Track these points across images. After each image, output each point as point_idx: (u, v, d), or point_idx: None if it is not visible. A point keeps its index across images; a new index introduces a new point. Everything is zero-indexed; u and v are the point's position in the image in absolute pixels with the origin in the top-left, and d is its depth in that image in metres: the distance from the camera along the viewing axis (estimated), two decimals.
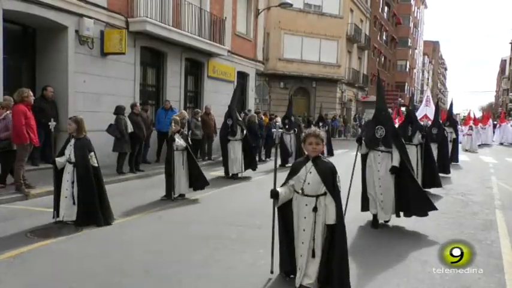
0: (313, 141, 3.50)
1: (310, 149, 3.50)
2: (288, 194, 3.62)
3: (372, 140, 5.94)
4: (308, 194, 3.49)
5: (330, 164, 3.50)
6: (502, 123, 27.85)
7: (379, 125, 5.90)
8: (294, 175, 3.58)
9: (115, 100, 10.43)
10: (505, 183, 10.62)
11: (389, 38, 46.93)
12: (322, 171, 3.45)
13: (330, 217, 3.44)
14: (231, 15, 16.41)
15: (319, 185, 3.44)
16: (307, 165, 3.51)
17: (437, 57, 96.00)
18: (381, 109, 6.09)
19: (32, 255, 4.58)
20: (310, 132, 3.55)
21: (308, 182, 3.47)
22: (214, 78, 15.65)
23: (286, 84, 28.35)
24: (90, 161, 5.72)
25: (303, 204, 3.51)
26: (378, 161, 5.90)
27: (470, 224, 6.42)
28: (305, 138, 3.54)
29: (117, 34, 10.53)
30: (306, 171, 3.49)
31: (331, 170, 3.46)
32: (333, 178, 3.44)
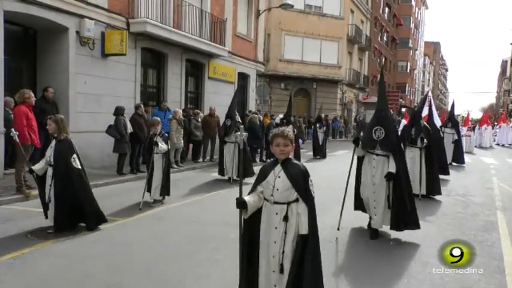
0: (281, 142, 3.07)
1: (277, 151, 3.08)
2: (257, 202, 3.17)
3: (368, 140, 5.50)
4: (278, 201, 3.06)
5: (301, 167, 3.11)
6: (502, 124, 27.76)
7: (378, 125, 5.42)
8: (263, 180, 3.15)
9: (116, 101, 10.44)
10: (506, 184, 10.60)
11: (390, 38, 46.93)
12: (292, 176, 3.04)
13: (303, 226, 3.03)
14: (232, 16, 16.43)
15: (289, 191, 3.04)
16: (276, 170, 3.11)
17: (438, 58, 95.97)
18: (381, 109, 5.61)
19: (33, 256, 4.59)
20: (277, 132, 3.12)
21: (277, 188, 3.05)
22: (215, 79, 15.66)
23: (286, 85, 28.36)
24: (73, 164, 5.42)
25: (273, 213, 3.07)
26: (373, 165, 5.49)
27: (471, 225, 6.41)
28: (272, 139, 3.11)
29: (117, 35, 10.55)
30: (275, 176, 3.08)
31: (303, 174, 3.06)
32: (304, 182, 3.04)
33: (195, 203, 7.53)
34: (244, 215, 3.16)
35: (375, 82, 40.86)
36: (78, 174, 5.49)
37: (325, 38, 28.98)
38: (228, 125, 9.90)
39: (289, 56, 27.93)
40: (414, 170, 8.07)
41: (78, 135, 9.99)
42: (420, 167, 8.18)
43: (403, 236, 5.66)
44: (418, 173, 8.15)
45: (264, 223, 3.15)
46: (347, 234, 5.67)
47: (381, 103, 5.70)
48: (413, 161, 8.22)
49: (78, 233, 5.43)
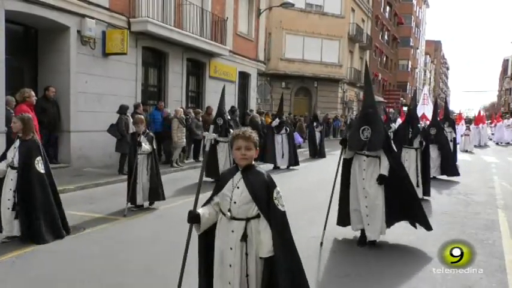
0: (242, 145, 2.56)
1: (238, 155, 2.58)
2: (213, 215, 2.70)
3: (355, 141, 5.01)
4: (236, 217, 2.57)
5: (265, 176, 2.60)
6: (498, 123, 27.69)
7: (365, 124, 4.96)
8: (220, 190, 2.67)
9: (117, 100, 10.45)
10: (507, 183, 10.59)
11: (391, 37, 46.86)
12: (253, 186, 2.54)
13: (263, 248, 2.52)
14: (233, 15, 16.43)
15: (249, 205, 2.55)
16: (235, 178, 2.61)
17: (439, 56, 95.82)
18: (368, 106, 5.11)
19: (34, 255, 4.60)
20: (238, 133, 2.62)
21: (235, 200, 2.56)
22: (216, 78, 15.66)
23: (287, 84, 28.35)
24: (36, 167, 4.89)
25: (229, 231, 2.58)
26: (363, 167, 4.99)
27: (472, 224, 6.41)
28: (232, 141, 2.62)
29: (118, 34, 10.56)
30: (233, 186, 2.59)
31: (266, 184, 2.56)
32: (267, 195, 2.54)
33: None
34: (196, 230, 2.71)
35: (376, 81, 40.83)
36: (40, 179, 4.92)
37: (326, 36, 28.95)
38: (220, 124, 9.51)
39: (290, 55, 27.91)
40: (410, 172, 7.55)
41: (79, 134, 10.04)
42: (416, 169, 7.88)
43: (403, 235, 5.66)
44: (414, 176, 7.77)
45: (219, 242, 2.65)
46: (346, 235, 5.67)
47: (368, 101, 5.21)
48: (409, 163, 7.91)
49: (79, 232, 5.45)
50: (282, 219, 2.58)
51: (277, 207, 2.56)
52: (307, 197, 7.78)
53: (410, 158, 7.96)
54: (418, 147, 7.92)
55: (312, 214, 6.09)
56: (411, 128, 7.93)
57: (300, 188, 8.78)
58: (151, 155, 6.69)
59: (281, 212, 2.58)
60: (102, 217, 6.21)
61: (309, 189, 8.44)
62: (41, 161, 4.96)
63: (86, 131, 10.11)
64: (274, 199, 2.56)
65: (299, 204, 7.31)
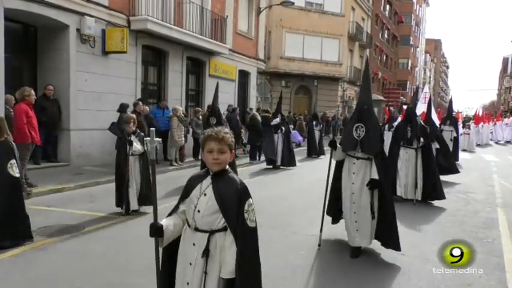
0: (215, 147, 2.26)
1: (209, 159, 2.28)
2: (180, 226, 2.42)
3: (348, 140, 4.66)
4: (199, 228, 2.27)
5: (239, 184, 2.28)
6: (498, 122, 27.60)
7: (360, 122, 4.59)
8: (187, 196, 2.36)
9: (116, 99, 10.46)
10: (506, 181, 10.60)
11: (390, 36, 46.82)
12: (221, 195, 2.24)
13: (226, 267, 2.21)
14: (232, 13, 16.41)
15: (215, 216, 2.24)
16: (204, 184, 2.31)
17: (439, 55, 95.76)
18: (363, 102, 4.73)
19: (35, 254, 4.60)
20: (210, 133, 2.31)
21: (199, 209, 2.26)
22: (216, 77, 15.62)
23: (287, 82, 28.33)
24: (9, 170, 4.65)
25: (190, 243, 2.30)
26: (353, 170, 4.63)
27: (472, 222, 6.42)
28: (203, 142, 2.33)
29: (118, 33, 10.54)
30: (200, 193, 2.29)
31: (238, 194, 2.24)
32: (238, 206, 2.22)
33: None
34: (159, 245, 2.39)
35: (376, 80, 40.81)
36: (13, 184, 4.70)
37: (326, 35, 28.92)
38: (213, 124, 9.08)
39: (290, 54, 27.89)
40: (409, 173, 7.57)
41: (78, 132, 10.04)
42: (416, 170, 7.53)
43: (402, 234, 5.66)
44: (413, 177, 7.53)
45: (181, 255, 2.36)
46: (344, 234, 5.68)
47: (364, 97, 4.83)
48: (408, 163, 7.61)
49: (80, 230, 5.45)
50: (251, 236, 2.25)
51: (246, 222, 2.22)
52: (305, 196, 7.78)
53: (410, 158, 7.64)
54: (417, 147, 7.60)
55: (311, 213, 6.10)
56: (410, 127, 7.62)
57: (299, 187, 8.79)
58: (143, 156, 6.28)
59: (250, 229, 2.24)
60: (102, 216, 6.21)
61: (307, 188, 8.41)
62: (15, 165, 4.72)
63: (86, 129, 10.11)
64: (244, 212, 2.23)
65: (298, 203, 7.33)
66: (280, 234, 5.46)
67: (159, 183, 9.26)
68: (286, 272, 4.16)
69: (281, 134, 12.04)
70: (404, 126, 7.81)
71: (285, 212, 6.63)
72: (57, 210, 6.44)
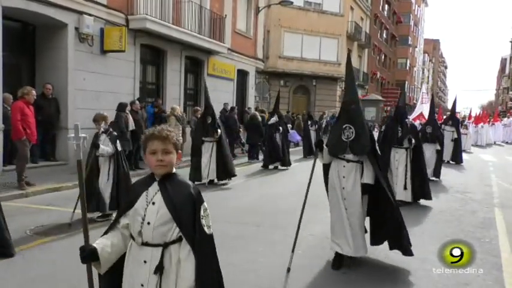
0: (158, 148, 2.01)
1: (152, 161, 2.02)
2: (121, 245, 2.10)
3: (336, 143, 4.29)
4: (149, 242, 2.00)
5: (191, 188, 2.06)
6: (495, 122, 27.59)
7: (348, 123, 4.23)
8: (130, 208, 2.08)
9: (115, 98, 10.44)
10: (504, 181, 10.63)
11: (389, 36, 46.85)
12: (173, 201, 1.99)
13: (184, 282, 1.97)
14: (231, 12, 16.40)
15: (168, 226, 1.99)
16: (150, 191, 2.05)
17: (438, 55, 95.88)
18: (350, 101, 4.34)
19: (32, 252, 4.60)
20: (151, 132, 2.05)
21: (148, 220, 1.99)
22: (214, 76, 15.64)
23: (286, 82, 28.33)
24: None
25: (140, 261, 2.02)
26: (343, 174, 4.26)
27: (469, 222, 6.43)
28: (145, 142, 2.06)
29: (117, 32, 10.53)
30: (147, 202, 2.03)
31: (192, 199, 2.02)
32: (193, 212, 2.00)
33: None
34: (97, 270, 2.09)
35: (374, 79, 40.86)
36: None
37: (325, 35, 28.93)
38: (208, 123, 9.00)
39: (289, 53, 27.89)
40: (399, 173, 7.36)
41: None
42: (406, 171, 7.29)
43: None
44: (403, 177, 7.30)
45: (128, 277, 2.06)
46: None
47: (350, 95, 4.48)
48: (398, 164, 7.40)
49: (78, 229, 5.44)
50: (209, 244, 2.04)
51: (203, 228, 2.00)
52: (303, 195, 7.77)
53: (400, 159, 7.40)
54: (408, 147, 7.34)
55: (309, 212, 6.10)
56: (400, 127, 7.35)
57: (296, 187, 8.76)
58: (114, 158, 5.83)
59: (208, 236, 2.03)
60: (100, 215, 6.19)
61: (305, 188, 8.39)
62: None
63: (84, 128, 10.00)
64: (201, 218, 2.00)
65: (296, 203, 7.33)
66: (279, 233, 5.46)
67: None
68: (283, 271, 4.16)
69: (279, 134, 11.95)
70: (394, 126, 7.52)
71: (284, 212, 6.63)
72: (55, 209, 6.43)
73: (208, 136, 8.96)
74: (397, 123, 7.47)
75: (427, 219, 6.56)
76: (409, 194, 7.33)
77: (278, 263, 4.34)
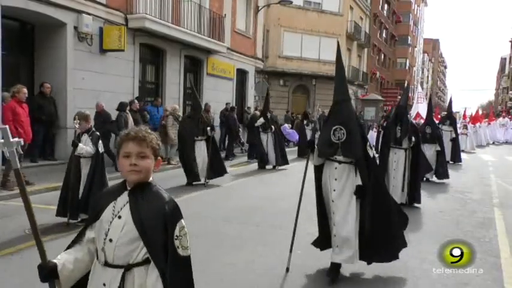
0: (133, 150, 1.73)
1: (125, 166, 1.74)
2: (86, 261, 1.86)
3: (326, 145, 4.02)
4: (110, 263, 1.74)
5: (166, 201, 1.76)
6: (492, 122, 27.58)
7: (338, 124, 3.96)
8: (96, 219, 1.81)
9: (114, 97, 10.42)
10: (503, 181, 10.63)
11: (389, 35, 46.88)
12: (141, 216, 1.70)
13: None
14: (231, 12, 16.38)
15: (134, 245, 1.71)
16: (118, 202, 1.77)
17: (437, 55, 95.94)
18: (341, 99, 4.05)
19: (31, 252, 4.58)
20: (127, 133, 1.79)
21: (111, 237, 1.72)
22: (214, 76, 15.63)
23: (285, 81, 28.33)
24: None
25: (100, 284, 1.77)
26: (334, 176, 3.99)
27: (469, 222, 6.43)
28: (119, 145, 1.79)
29: (116, 31, 10.51)
30: (113, 215, 1.75)
31: (164, 214, 1.72)
32: (166, 230, 1.71)
33: (193, 200, 7.53)
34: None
35: (374, 79, 40.88)
36: None
37: (324, 34, 28.93)
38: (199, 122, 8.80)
39: (288, 53, 27.88)
40: (397, 175, 7.12)
41: None
42: (404, 172, 7.06)
43: None
44: (401, 179, 7.08)
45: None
46: None
47: (339, 92, 4.09)
48: (397, 165, 7.14)
49: (77, 229, 5.43)
50: (184, 270, 1.74)
51: (178, 251, 1.70)
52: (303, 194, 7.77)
53: (399, 160, 7.15)
54: (407, 147, 7.11)
55: (308, 211, 6.10)
56: (400, 126, 7.07)
57: (294, 186, 8.78)
58: (95, 158, 5.53)
59: (183, 259, 1.73)
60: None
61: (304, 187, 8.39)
62: None
63: None
64: (174, 238, 1.70)
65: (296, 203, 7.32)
66: (279, 233, 5.46)
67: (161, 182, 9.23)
68: (282, 271, 4.15)
69: (271, 134, 11.71)
70: (393, 125, 7.27)
71: (284, 211, 6.62)
72: (54, 209, 6.40)
73: (200, 135, 8.71)
74: (396, 122, 7.21)
75: (426, 219, 6.56)
76: (405, 196, 7.13)
77: (277, 263, 4.33)
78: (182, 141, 8.94)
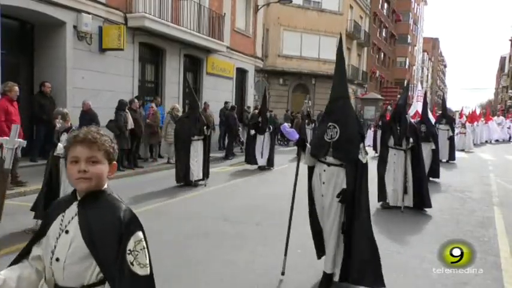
0: (81, 155, 1.52)
1: (74, 173, 1.52)
2: (32, 280, 1.58)
3: (319, 144, 3.74)
4: (61, 286, 1.51)
5: (122, 212, 1.53)
6: (489, 121, 27.59)
7: (333, 122, 3.67)
8: (43, 235, 1.58)
9: (113, 96, 10.41)
10: (503, 180, 10.63)
11: (388, 34, 46.87)
12: (92, 229, 1.49)
13: None
14: (230, 11, 16.37)
15: (84, 263, 1.49)
16: (67, 215, 1.55)
17: (437, 54, 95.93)
18: (338, 96, 3.80)
19: None
20: (76, 135, 1.57)
21: (57, 256, 1.50)
22: (213, 75, 15.63)
23: (285, 81, 28.33)
24: None
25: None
26: (323, 179, 3.72)
27: (468, 221, 6.43)
28: (67, 149, 1.57)
29: (115, 30, 10.50)
30: (61, 229, 1.53)
31: (118, 226, 1.49)
32: (119, 245, 1.48)
33: (193, 199, 7.53)
34: None
35: (374, 78, 40.87)
36: None
37: (324, 33, 28.91)
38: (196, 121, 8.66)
39: (288, 52, 27.87)
40: (398, 177, 6.85)
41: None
42: (405, 173, 6.78)
43: (401, 232, 5.67)
44: (401, 181, 6.78)
45: None
46: None
47: (338, 89, 3.84)
48: (397, 166, 6.88)
49: None
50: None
51: (132, 268, 1.48)
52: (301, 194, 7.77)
53: (398, 161, 6.87)
54: (406, 148, 6.80)
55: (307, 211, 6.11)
56: (399, 126, 6.79)
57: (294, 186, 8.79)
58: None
59: (139, 278, 1.50)
60: None
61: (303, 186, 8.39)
62: None
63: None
64: (127, 253, 1.48)
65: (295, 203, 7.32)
66: (278, 232, 5.45)
67: (153, 181, 9.23)
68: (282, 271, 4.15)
69: (268, 134, 11.48)
70: (392, 125, 6.97)
71: (284, 211, 6.62)
72: None
73: (197, 134, 8.56)
74: (395, 121, 6.93)
75: (426, 219, 6.55)
76: (410, 199, 6.83)
77: (278, 263, 4.33)
78: (178, 141, 8.80)
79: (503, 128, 27.90)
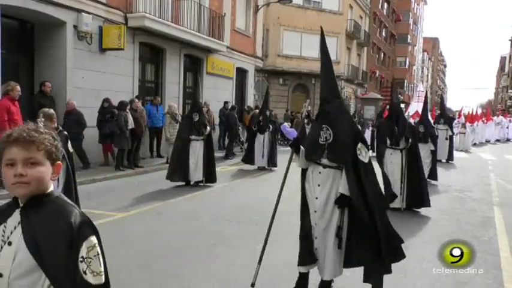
0: (17, 156, 1.35)
1: (10, 177, 1.36)
2: None
3: (313, 146, 3.59)
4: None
5: (72, 217, 1.37)
6: (488, 121, 27.56)
7: (326, 123, 3.55)
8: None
9: (114, 96, 10.41)
10: (503, 180, 10.64)
11: (388, 34, 46.86)
12: (37, 240, 1.33)
13: None
14: (230, 11, 16.37)
15: (32, 277, 1.34)
16: (9, 224, 1.40)
17: (437, 53, 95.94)
18: (330, 97, 3.66)
19: None
20: (10, 134, 1.38)
21: (1, 271, 1.34)
22: (213, 75, 15.63)
23: (285, 80, 28.32)
24: None
25: None
26: (318, 181, 3.58)
27: (468, 221, 6.44)
28: (1, 150, 1.38)
29: (115, 30, 10.50)
30: (3, 240, 1.37)
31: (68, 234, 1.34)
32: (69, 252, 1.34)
33: (193, 199, 7.53)
34: None
35: (373, 78, 40.88)
36: None
37: (324, 33, 28.89)
38: (196, 121, 8.54)
39: (288, 52, 27.87)
40: (395, 177, 6.68)
41: None
42: (402, 174, 6.61)
43: (400, 232, 5.66)
44: (399, 181, 6.64)
45: None
46: None
47: (328, 89, 3.74)
48: (393, 167, 6.73)
49: None
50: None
51: (85, 278, 1.34)
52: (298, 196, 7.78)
53: (395, 161, 6.71)
54: (403, 148, 6.68)
55: None
56: (396, 125, 6.63)
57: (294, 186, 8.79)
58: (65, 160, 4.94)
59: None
60: (98, 213, 6.19)
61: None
62: None
63: None
64: (79, 261, 1.34)
65: (295, 202, 7.33)
66: (278, 232, 5.46)
67: (153, 181, 9.22)
68: (284, 269, 4.16)
69: (268, 133, 11.34)
70: (389, 124, 6.83)
71: (284, 210, 6.62)
72: None
73: (196, 134, 8.52)
74: (392, 121, 6.75)
75: (425, 218, 6.56)
76: (403, 201, 6.70)
77: (277, 261, 4.34)
78: (177, 140, 8.78)
79: (502, 127, 27.91)
